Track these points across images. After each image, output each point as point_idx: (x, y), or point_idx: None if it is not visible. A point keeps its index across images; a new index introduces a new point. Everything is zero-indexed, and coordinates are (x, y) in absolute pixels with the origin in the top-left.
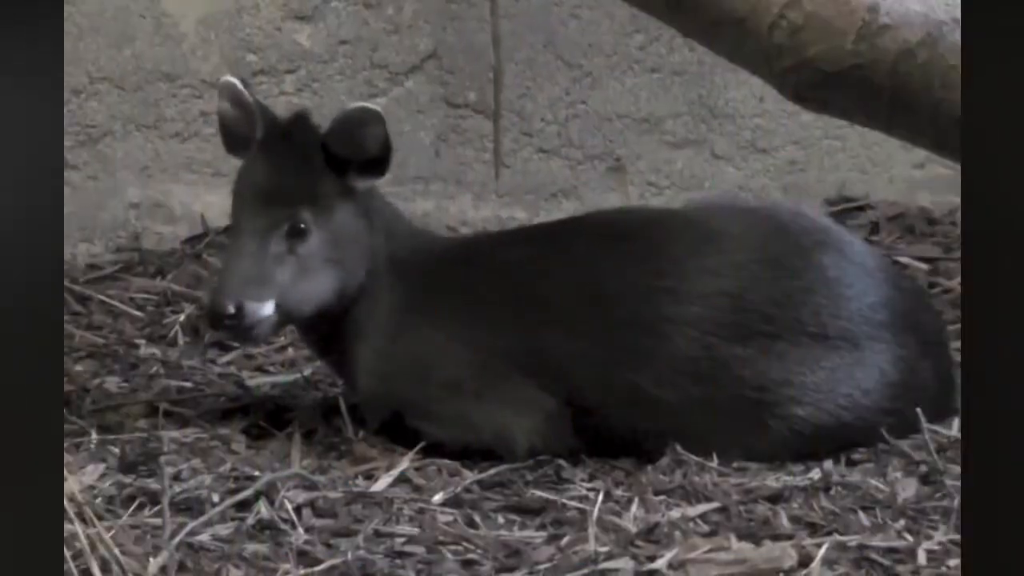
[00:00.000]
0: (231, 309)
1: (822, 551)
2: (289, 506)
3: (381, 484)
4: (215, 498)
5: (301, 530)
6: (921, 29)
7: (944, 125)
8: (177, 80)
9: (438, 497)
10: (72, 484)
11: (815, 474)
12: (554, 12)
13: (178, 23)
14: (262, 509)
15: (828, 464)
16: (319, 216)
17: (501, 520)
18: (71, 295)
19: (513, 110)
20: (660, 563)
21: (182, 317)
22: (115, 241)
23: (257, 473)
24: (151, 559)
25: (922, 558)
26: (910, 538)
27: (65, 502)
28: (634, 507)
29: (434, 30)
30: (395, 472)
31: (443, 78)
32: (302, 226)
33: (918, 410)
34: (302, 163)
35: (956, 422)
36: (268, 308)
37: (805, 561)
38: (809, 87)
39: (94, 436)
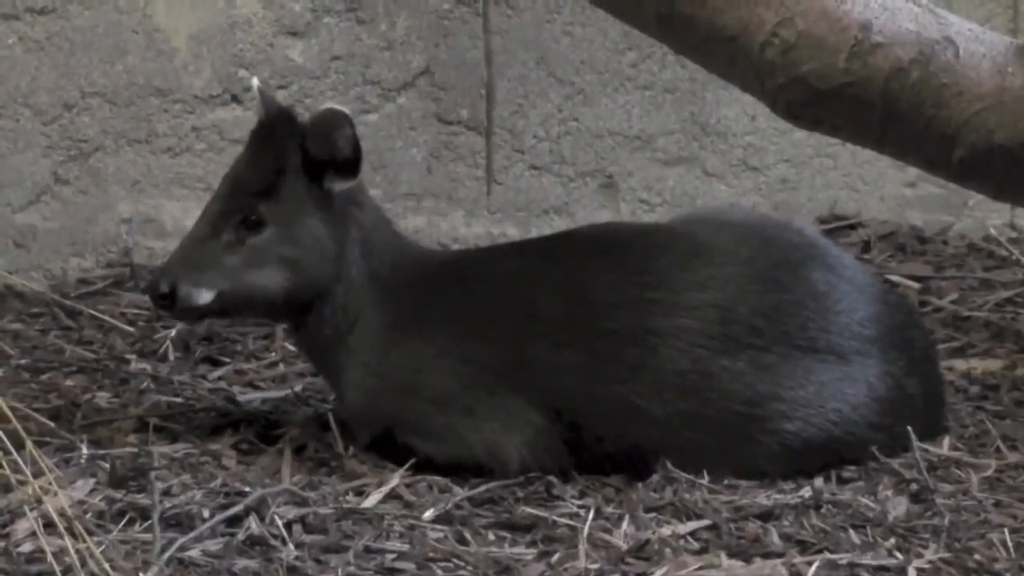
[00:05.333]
0: (164, 289)
1: (812, 569)
2: (279, 522)
3: (371, 500)
4: (205, 513)
5: (291, 546)
6: (914, 48)
7: (935, 143)
8: (169, 95)
9: (428, 513)
10: (62, 499)
11: (806, 492)
12: (547, 29)
13: (170, 38)
14: (252, 525)
15: (819, 482)
16: (279, 212)
17: (492, 537)
18: (62, 310)
19: (505, 127)
20: None
21: (173, 332)
22: (106, 256)
23: (247, 489)
24: (141, 574)
25: None
26: (900, 556)
27: (55, 517)
28: (625, 524)
29: (427, 47)
30: (385, 488)
31: (435, 95)
32: (255, 218)
33: (909, 428)
34: (274, 158)
35: (946, 440)
36: (205, 295)
37: None
38: (801, 105)
39: (84, 451)
